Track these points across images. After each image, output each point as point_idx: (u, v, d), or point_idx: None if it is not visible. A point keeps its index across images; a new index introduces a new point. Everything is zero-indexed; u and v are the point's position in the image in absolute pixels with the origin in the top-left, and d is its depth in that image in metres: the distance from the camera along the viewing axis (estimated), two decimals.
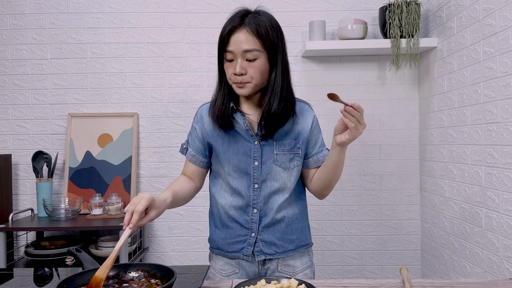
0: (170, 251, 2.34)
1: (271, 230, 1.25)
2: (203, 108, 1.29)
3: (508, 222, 1.54)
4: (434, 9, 2.09)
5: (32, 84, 2.32)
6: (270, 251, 1.25)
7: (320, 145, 1.30)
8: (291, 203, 1.27)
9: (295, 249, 1.28)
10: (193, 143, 1.30)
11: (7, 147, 2.33)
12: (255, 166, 1.22)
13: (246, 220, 1.24)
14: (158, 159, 2.33)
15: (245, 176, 1.23)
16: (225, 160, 1.23)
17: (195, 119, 1.30)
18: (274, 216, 1.24)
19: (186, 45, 2.32)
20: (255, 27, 1.12)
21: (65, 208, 2.07)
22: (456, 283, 1.09)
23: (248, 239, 1.25)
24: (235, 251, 1.26)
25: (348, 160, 2.32)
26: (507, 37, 1.52)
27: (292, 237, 1.27)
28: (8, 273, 1.20)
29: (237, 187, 1.24)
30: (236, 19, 1.14)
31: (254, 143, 1.22)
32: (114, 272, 0.99)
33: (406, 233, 2.34)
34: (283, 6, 2.31)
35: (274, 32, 1.15)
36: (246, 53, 1.12)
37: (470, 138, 1.78)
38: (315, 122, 1.28)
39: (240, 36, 1.12)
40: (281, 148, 1.22)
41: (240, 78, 1.14)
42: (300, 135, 1.24)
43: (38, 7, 2.31)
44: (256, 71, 1.14)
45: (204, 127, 1.27)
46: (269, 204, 1.24)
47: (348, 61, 2.32)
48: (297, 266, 1.28)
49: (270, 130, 1.19)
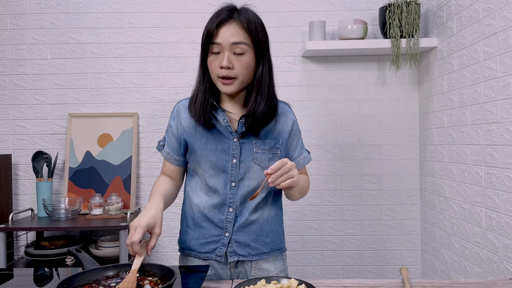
0: (170, 251, 2.34)
1: (246, 231, 1.22)
2: (180, 104, 1.26)
3: (508, 222, 1.54)
4: (434, 9, 2.09)
5: (32, 84, 2.32)
6: (243, 253, 1.22)
7: (300, 148, 1.31)
8: (267, 205, 1.26)
9: (269, 252, 1.25)
10: (169, 140, 1.27)
11: (7, 147, 2.33)
12: (233, 163, 1.20)
13: (221, 219, 1.22)
14: (158, 159, 2.33)
15: (222, 173, 1.20)
16: (203, 157, 1.21)
17: (171, 115, 1.27)
18: (249, 216, 1.22)
19: (186, 45, 2.32)
20: (246, 22, 1.12)
21: (65, 208, 2.07)
22: (456, 283, 1.09)
23: (222, 239, 1.22)
24: (208, 251, 1.23)
25: (348, 160, 2.32)
26: (507, 37, 1.52)
27: (267, 240, 1.25)
28: (8, 273, 1.20)
29: (213, 185, 1.21)
30: (224, 13, 1.13)
31: (233, 141, 1.20)
32: (114, 272, 0.99)
33: (406, 233, 2.34)
34: (283, 6, 2.31)
35: (262, 30, 1.16)
36: (234, 46, 1.11)
37: (470, 138, 1.78)
38: (295, 124, 1.28)
39: (230, 28, 1.11)
40: (261, 147, 1.21)
41: (227, 72, 1.12)
42: (280, 136, 1.24)
43: (38, 7, 2.31)
44: (243, 66, 1.13)
45: (181, 123, 1.24)
46: (245, 204, 1.22)
47: (348, 61, 2.32)
48: (271, 270, 1.26)
49: (255, 129, 1.18)
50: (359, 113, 2.33)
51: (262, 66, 1.17)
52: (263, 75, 1.17)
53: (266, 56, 1.18)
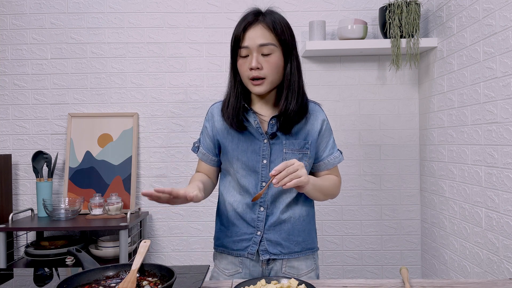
0: (170, 251, 2.34)
1: (277, 230, 1.24)
2: (214, 107, 1.30)
3: (508, 222, 1.54)
4: (434, 9, 2.09)
5: (32, 84, 2.32)
6: (275, 251, 1.25)
7: (331, 147, 1.30)
8: (298, 204, 1.27)
9: (301, 251, 1.27)
10: (204, 142, 1.32)
11: (7, 147, 2.33)
12: (264, 164, 1.22)
13: (253, 218, 1.24)
14: (158, 159, 2.33)
15: (253, 174, 1.23)
16: (234, 157, 1.24)
17: (206, 117, 1.32)
18: (280, 215, 1.24)
19: (186, 45, 2.32)
20: (271, 23, 1.16)
21: (65, 208, 2.07)
22: (456, 283, 1.09)
23: (254, 238, 1.25)
24: (240, 249, 1.26)
25: (348, 160, 2.32)
26: (507, 37, 1.52)
27: (298, 239, 1.26)
28: (8, 273, 1.20)
29: (245, 185, 1.24)
30: (250, 17, 1.17)
31: (264, 141, 1.22)
32: (114, 272, 0.99)
33: (406, 233, 2.34)
34: (283, 6, 2.31)
35: (287, 29, 1.19)
36: (261, 47, 1.14)
37: (470, 138, 1.78)
38: (325, 124, 1.28)
39: (256, 30, 1.15)
40: (291, 147, 1.23)
41: (256, 72, 1.15)
42: (309, 136, 1.25)
43: (38, 7, 2.31)
44: (272, 66, 1.15)
45: (215, 125, 1.28)
46: (276, 203, 1.24)
47: (348, 61, 2.32)
48: (301, 268, 1.28)
49: (287, 128, 1.20)
50: (359, 113, 2.33)
51: (290, 65, 1.19)
52: (292, 73, 1.19)
53: (293, 55, 1.20)
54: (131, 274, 0.95)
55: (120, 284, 0.91)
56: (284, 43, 1.17)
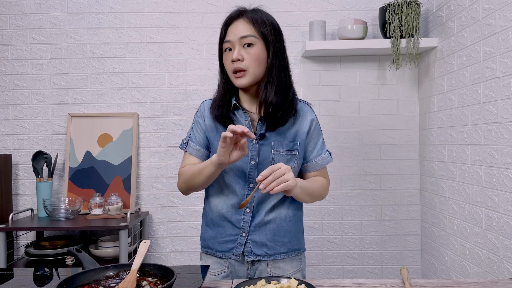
0: (170, 251, 2.34)
1: (262, 230, 1.23)
2: (205, 103, 1.30)
3: (508, 222, 1.54)
4: (434, 9, 2.09)
5: (32, 84, 2.32)
6: (260, 252, 1.23)
7: (320, 148, 1.29)
8: (285, 204, 1.26)
9: (287, 252, 1.26)
10: (198, 137, 1.29)
11: (7, 147, 2.33)
12: (252, 165, 1.21)
13: (238, 219, 1.23)
14: (158, 159, 2.33)
15: (241, 174, 1.22)
16: None
17: (197, 113, 1.31)
18: (265, 216, 1.23)
19: (186, 45, 2.32)
20: (252, 17, 1.17)
21: (65, 208, 2.07)
22: (456, 283, 1.09)
23: (239, 239, 1.23)
24: (225, 250, 1.25)
25: (348, 160, 2.32)
26: (507, 37, 1.52)
27: (284, 240, 1.25)
28: (8, 273, 1.20)
29: (232, 185, 1.23)
30: (234, 14, 1.20)
31: (252, 142, 1.21)
32: (114, 272, 0.99)
33: (406, 233, 2.34)
34: (283, 6, 2.31)
35: (270, 24, 1.19)
36: (243, 39, 1.16)
37: (470, 138, 1.78)
38: (314, 124, 1.27)
39: (238, 25, 1.17)
40: (279, 148, 1.22)
41: (237, 64, 1.16)
42: (298, 136, 1.24)
43: (38, 7, 2.31)
44: (252, 58, 1.16)
45: (205, 121, 1.28)
46: (263, 204, 1.23)
47: (348, 61, 2.32)
48: (287, 269, 1.26)
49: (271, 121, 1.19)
50: (359, 113, 2.33)
51: (272, 58, 1.19)
52: (272, 65, 1.19)
53: (278, 50, 1.19)
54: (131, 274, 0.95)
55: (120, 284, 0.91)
56: (265, 36, 1.17)
